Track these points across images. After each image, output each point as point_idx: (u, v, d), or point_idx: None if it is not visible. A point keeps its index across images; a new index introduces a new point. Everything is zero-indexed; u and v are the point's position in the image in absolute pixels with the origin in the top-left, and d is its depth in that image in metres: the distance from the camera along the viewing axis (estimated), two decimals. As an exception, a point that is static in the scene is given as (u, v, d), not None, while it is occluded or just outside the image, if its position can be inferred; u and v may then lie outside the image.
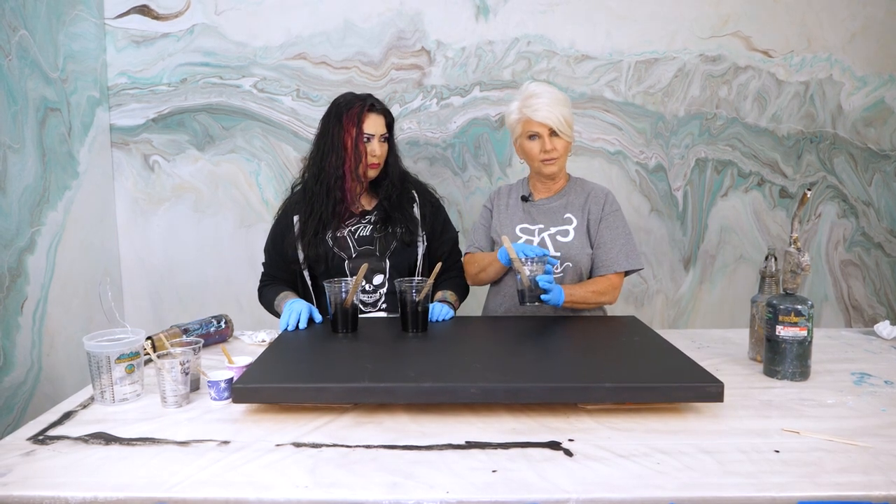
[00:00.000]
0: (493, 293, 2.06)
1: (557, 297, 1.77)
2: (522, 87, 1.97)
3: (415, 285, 1.65)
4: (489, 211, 2.09)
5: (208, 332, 1.76)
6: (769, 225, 2.75)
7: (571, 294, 1.84)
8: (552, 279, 1.74)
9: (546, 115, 1.87)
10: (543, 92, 1.91)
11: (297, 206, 1.99)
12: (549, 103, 1.88)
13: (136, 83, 2.62)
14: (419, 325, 1.68)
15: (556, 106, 1.88)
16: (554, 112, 1.87)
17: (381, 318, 1.88)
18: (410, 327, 1.68)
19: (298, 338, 1.67)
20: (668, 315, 2.77)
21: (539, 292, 1.72)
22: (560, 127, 1.88)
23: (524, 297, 1.73)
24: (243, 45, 2.60)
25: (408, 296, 1.65)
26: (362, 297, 1.94)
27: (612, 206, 1.97)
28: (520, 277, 1.72)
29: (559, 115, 1.88)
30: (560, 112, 1.88)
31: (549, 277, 1.73)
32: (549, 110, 1.87)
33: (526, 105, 1.91)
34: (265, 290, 2.01)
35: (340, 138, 1.91)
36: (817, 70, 2.68)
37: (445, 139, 2.66)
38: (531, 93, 1.92)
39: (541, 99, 1.89)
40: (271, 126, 2.64)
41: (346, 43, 2.61)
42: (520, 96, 1.95)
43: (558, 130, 1.88)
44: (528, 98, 1.92)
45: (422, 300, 1.66)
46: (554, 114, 1.87)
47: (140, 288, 2.71)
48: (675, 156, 2.70)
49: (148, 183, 2.67)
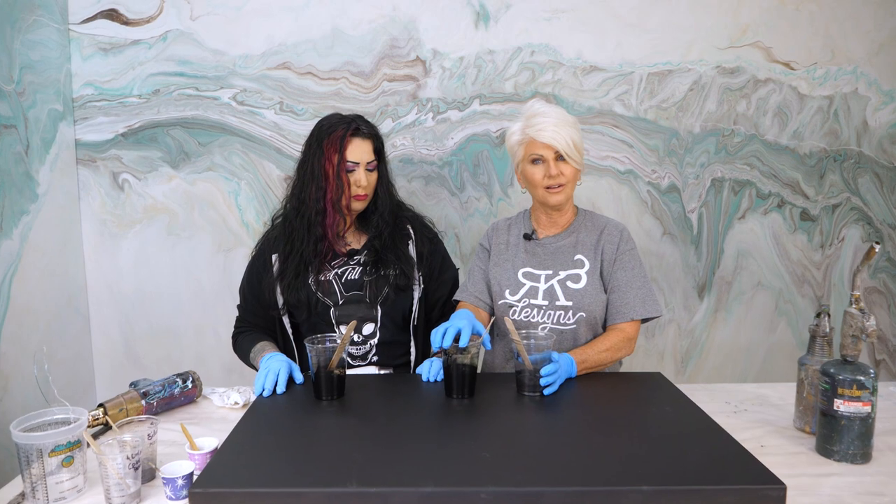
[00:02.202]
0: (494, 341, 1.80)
1: (566, 372, 1.53)
2: (527, 106, 1.71)
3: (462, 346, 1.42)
4: (486, 251, 1.82)
5: (171, 395, 1.49)
6: (789, 250, 2.50)
7: (583, 361, 1.58)
8: (557, 368, 1.47)
9: (552, 136, 1.61)
10: (550, 111, 1.65)
11: (276, 243, 1.72)
12: (555, 123, 1.62)
13: (104, 95, 2.33)
14: (466, 389, 1.44)
15: (564, 127, 1.63)
16: (561, 133, 1.61)
17: (371, 377, 1.61)
18: (457, 392, 1.45)
19: (276, 406, 1.40)
20: (680, 346, 2.53)
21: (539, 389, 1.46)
22: (567, 150, 1.62)
23: (523, 385, 1.47)
24: (221, 54, 2.32)
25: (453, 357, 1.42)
26: (350, 349, 1.67)
27: (627, 244, 1.72)
28: (521, 359, 1.46)
29: (567, 136, 1.62)
30: (568, 134, 1.62)
31: (554, 367, 1.46)
32: (556, 130, 1.61)
33: (529, 125, 1.65)
34: (240, 339, 1.75)
35: (321, 166, 1.64)
36: (842, 83, 2.43)
37: (442, 157, 2.40)
38: (536, 111, 1.66)
39: (547, 118, 1.63)
40: (252, 142, 2.36)
41: (334, 52, 2.33)
42: (523, 116, 1.69)
43: (565, 154, 1.63)
44: (531, 117, 1.66)
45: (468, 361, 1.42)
46: (561, 135, 1.61)
47: (109, 319, 2.43)
48: (689, 175, 2.44)
49: (117, 204, 2.39)
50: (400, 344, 1.75)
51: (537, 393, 1.45)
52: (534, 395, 1.46)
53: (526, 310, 1.70)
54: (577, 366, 1.56)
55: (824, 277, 2.52)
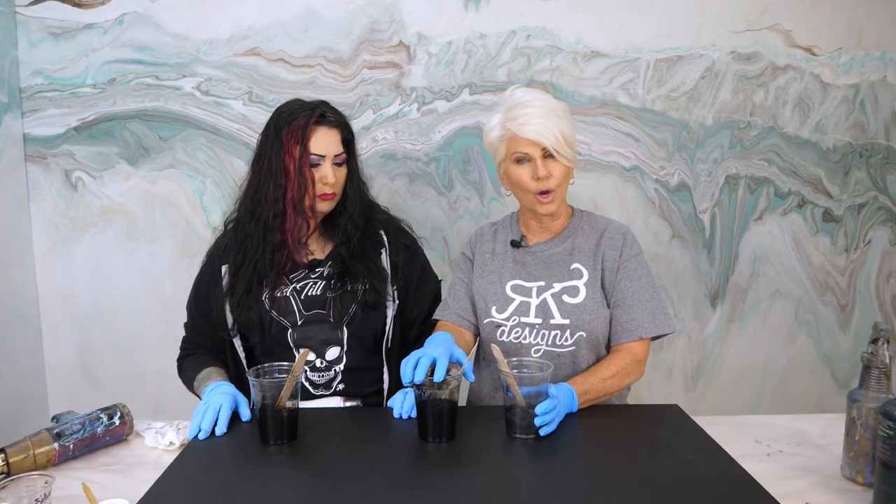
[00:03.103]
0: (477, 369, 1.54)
1: (566, 407, 1.27)
2: (505, 94, 1.45)
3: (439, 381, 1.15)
4: (469, 261, 1.56)
5: (94, 435, 1.23)
6: (811, 254, 2.24)
7: (586, 392, 1.32)
8: (555, 405, 1.20)
9: (537, 130, 1.35)
10: (533, 100, 1.38)
11: (226, 251, 1.46)
12: (541, 114, 1.35)
13: (55, 84, 2.07)
14: (444, 430, 1.18)
15: (551, 118, 1.36)
16: (548, 126, 1.34)
17: (332, 412, 1.35)
18: (432, 435, 1.18)
19: (212, 452, 1.15)
20: (691, 360, 2.26)
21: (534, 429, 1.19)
22: (557, 146, 1.35)
23: (514, 425, 1.20)
24: (184, 39, 2.06)
25: (428, 393, 1.16)
26: (311, 376, 1.41)
27: (631, 248, 1.46)
28: (511, 394, 1.19)
29: (555, 129, 1.35)
30: (556, 126, 1.35)
31: (552, 404, 1.19)
32: (542, 123, 1.34)
33: (510, 117, 1.39)
34: (185, 364, 1.49)
35: (280, 161, 1.38)
36: (869, 71, 2.17)
37: (428, 152, 2.13)
38: (517, 101, 1.39)
39: (530, 109, 1.36)
40: (218, 136, 2.10)
41: (309, 36, 2.07)
42: (502, 106, 1.43)
43: (554, 150, 1.36)
44: (512, 108, 1.39)
45: (447, 396, 1.16)
46: (548, 128, 1.34)
47: (63, 331, 2.17)
48: (701, 172, 2.18)
49: (70, 205, 2.13)
50: (371, 370, 1.49)
51: (531, 434, 1.19)
52: (527, 437, 1.19)
53: (516, 329, 1.44)
54: (578, 398, 1.29)
55: (848, 284, 2.26)
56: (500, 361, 1.19)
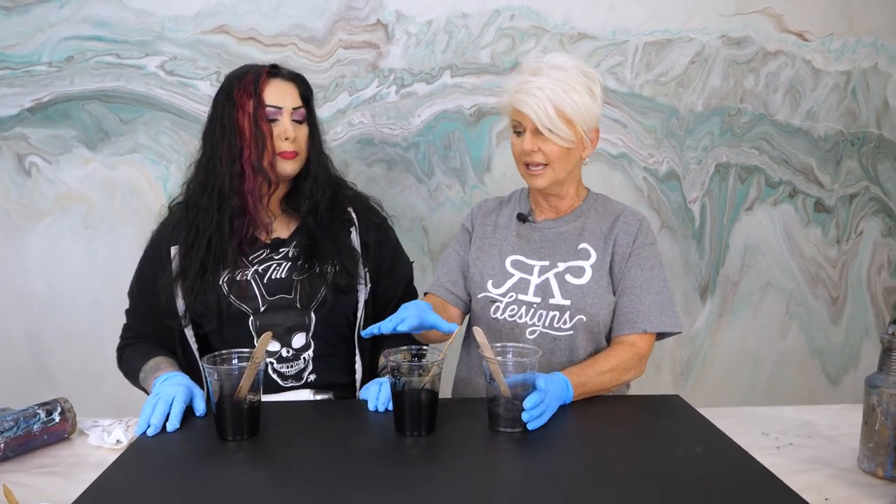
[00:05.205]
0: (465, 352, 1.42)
1: (558, 399, 1.14)
2: (529, 57, 1.32)
3: (417, 364, 1.03)
4: (468, 233, 1.44)
5: (29, 433, 1.08)
6: (802, 245, 2.15)
7: (582, 384, 1.20)
8: (543, 398, 1.08)
9: (527, 103, 1.23)
10: (554, 69, 1.24)
11: (176, 231, 1.31)
12: (543, 86, 1.22)
13: (7, 62, 1.92)
14: (423, 423, 1.05)
15: (557, 92, 1.22)
16: (542, 101, 1.21)
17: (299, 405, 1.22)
18: (410, 428, 1.05)
19: (162, 450, 1.01)
20: (680, 355, 2.16)
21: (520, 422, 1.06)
22: (548, 123, 1.23)
23: (498, 417, 1.08)
24: (148, 15, 1.91)
25: (405, 381, 1.03)
26: (280, 367, 1.27)
27: (646, 237, 1.35)
28: (495, 383, 1.07)
29: (548, 106, 1.22)
30: (556, 102, 1.22)
31: (539, 397, 1.07)
32: (538, 97, 1.22)
33: (518, 83, 1.26)
34: (127, 354, 1.34)
35: (233, 120, 1.24)
36: (860, 57, 2.10)
37: (407, 137, 2.01)
38: (529, 67, 1.27)
39: (536, 79, 1.23)
40: (183, 119, 1.96)
41: (281, 13, 1.94)
42: (525, 68, 1.30)
43: (543, 128, 1.23)
44: (522, 73, 1.28)
45: (427, 385, 1.03)
46: (541, 104, 1.21)
47: (16, 327, 2.01)
48: (690, 160, 2.09)
49: (23, 191, 1.97)
50: (341, 358, 1.35)
51: (518, 428, 1.07)
52: (513, 430, 1.07)
53: (512, 307, 1.32)
54: (573, 390, 1.17)
55: (840, 277, 2.18)
56: (483, 346, 1.06)
